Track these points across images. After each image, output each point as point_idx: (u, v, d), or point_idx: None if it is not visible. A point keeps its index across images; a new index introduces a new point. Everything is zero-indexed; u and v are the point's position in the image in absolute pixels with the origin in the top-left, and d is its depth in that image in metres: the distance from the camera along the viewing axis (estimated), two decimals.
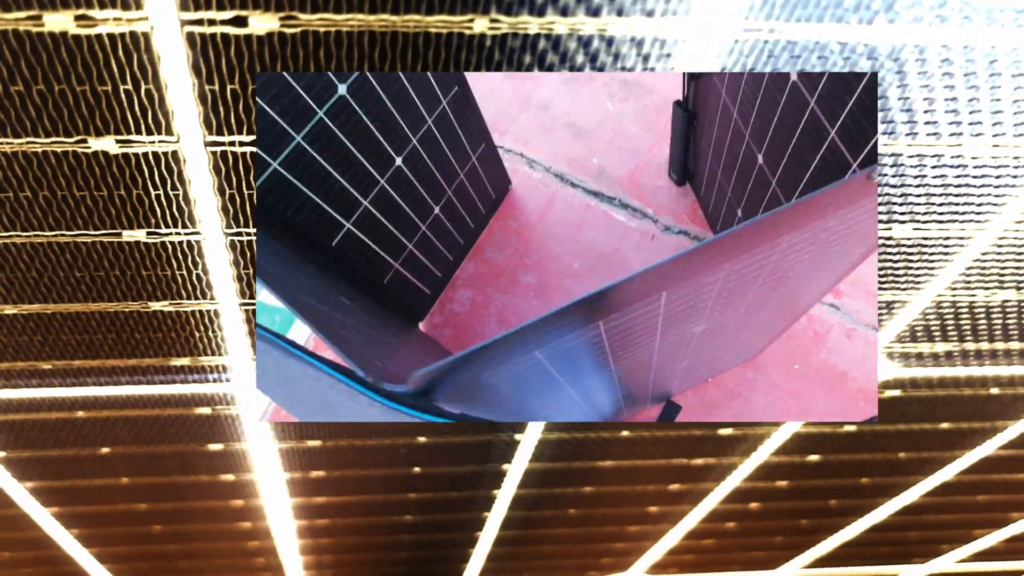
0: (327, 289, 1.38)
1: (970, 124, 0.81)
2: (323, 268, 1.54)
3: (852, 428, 1.35)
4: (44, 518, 1.49)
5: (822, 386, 2.09)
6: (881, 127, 0.81)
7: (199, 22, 0.68)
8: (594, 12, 0.70)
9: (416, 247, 2.01)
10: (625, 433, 1.31)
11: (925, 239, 0.94)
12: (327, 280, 1.47)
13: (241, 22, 0.69)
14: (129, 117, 0.75)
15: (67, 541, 1.59)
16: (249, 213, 0.87)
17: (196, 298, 0.97)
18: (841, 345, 2.13)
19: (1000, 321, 1.08)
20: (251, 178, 0.83)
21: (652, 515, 1.65)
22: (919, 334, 1.10)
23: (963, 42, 0.73)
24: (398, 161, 1.74)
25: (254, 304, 0.97)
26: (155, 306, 0.98)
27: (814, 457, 1.44)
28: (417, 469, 1.39)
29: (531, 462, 1.38)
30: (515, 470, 1.41)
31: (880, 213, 0.91)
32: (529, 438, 1.30)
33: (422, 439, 1.29)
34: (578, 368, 1.11)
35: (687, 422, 1.31)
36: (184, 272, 0.92)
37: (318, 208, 1.57)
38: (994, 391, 1.24)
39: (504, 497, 1.52)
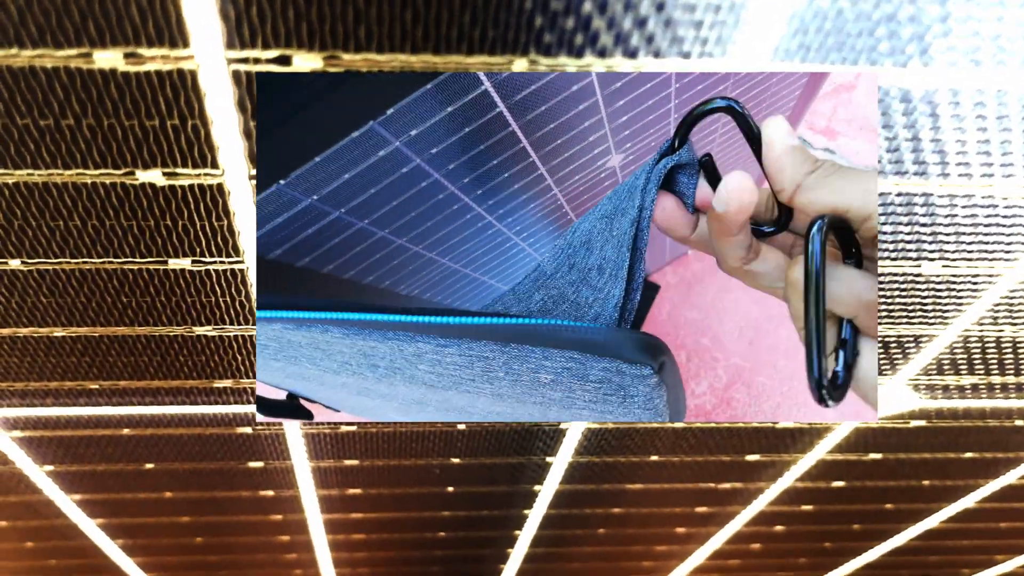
0: None
1: (1002, 166, 0.82)
2: None
3: (878, 456, 1.35)
4: (90, 528, 1.52)
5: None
6: (913, 167, 0.82)
7: (244, 60, 0.70)
8: (631, 54, 0.71)
9: None
10: (654, 458, 1.32)
11: (954, 276, 0.94)
12: None
13: (285, 60, 0.70)
14: (176, 151, 0.77)
15: (112, 550, 1.63)
16: None
17: (239, 324, 0.99)
18: None
19: None
20: None
21: (679, 536, 1.65)
22: (946, 367, 1.10)
23: (997, 86, 0.74)
24: None
25: None
26: (199, 331, 1.00)
27: (839, 483, 1.44)
28: (451, 488, 1.41)
29: (561, 483, 1.39)
30: (546, 491, 1.42)
31: (910, 251, 0.91)
32: (560, 460, 1.31)
33: (456, 460, 1.31)
34: None
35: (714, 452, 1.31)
36: (228, 299, 0.95)
37: None
38: (1019, 423, 1.24)
39: (535, 516, 1.54)
